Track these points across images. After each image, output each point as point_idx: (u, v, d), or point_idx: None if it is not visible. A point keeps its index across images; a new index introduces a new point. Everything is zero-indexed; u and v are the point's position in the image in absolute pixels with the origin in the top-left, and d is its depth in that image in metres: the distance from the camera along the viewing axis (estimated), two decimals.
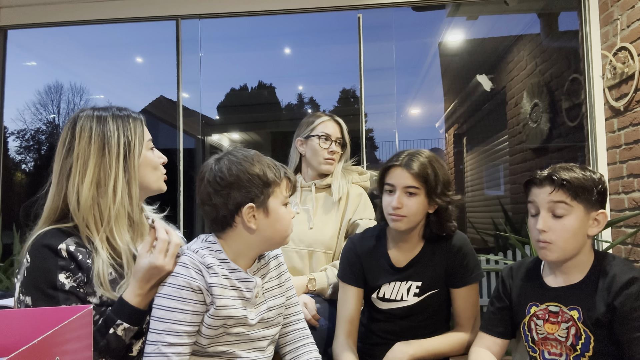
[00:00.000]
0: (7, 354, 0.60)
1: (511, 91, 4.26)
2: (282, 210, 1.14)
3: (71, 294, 1.06)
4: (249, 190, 1.08)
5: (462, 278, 1.46)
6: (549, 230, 1.22)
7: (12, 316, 0.85)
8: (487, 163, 5.13)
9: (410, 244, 1.49)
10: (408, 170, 1.39)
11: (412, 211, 1.40)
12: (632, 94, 2.21)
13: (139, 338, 1.13)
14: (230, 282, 1.10)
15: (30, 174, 5.03)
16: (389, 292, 1.49)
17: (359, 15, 2.89)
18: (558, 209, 1.21)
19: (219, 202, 1.09)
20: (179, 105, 2.89)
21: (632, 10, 2.22)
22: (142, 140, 1.20)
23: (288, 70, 5.38)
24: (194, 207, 2.98)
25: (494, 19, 3.95)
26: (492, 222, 4.33)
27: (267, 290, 1.19)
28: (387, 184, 1.44)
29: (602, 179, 1.24)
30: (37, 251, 1.07)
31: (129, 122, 1.18)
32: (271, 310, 1.17)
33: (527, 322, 1.32)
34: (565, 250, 1.23)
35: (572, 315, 1.23)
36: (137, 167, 1.17)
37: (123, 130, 1.16)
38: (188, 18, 2.89)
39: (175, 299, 1.05)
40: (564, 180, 1.19)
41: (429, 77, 5.34)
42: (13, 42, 3.00)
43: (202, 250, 1.10)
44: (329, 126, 1.87)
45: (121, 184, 1.14)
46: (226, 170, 1.09)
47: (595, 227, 1.23)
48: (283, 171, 1.15)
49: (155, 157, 1.24)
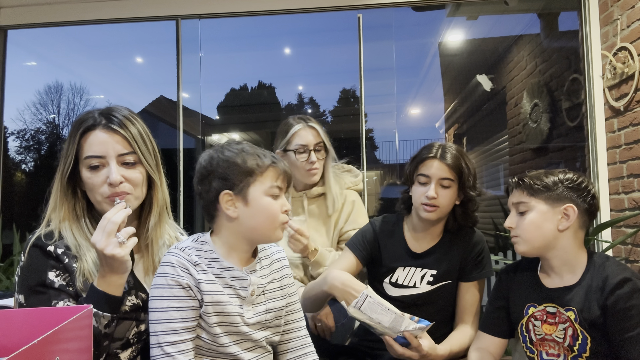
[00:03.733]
0: (7, 354, 0.60)
1: (511, 91, 4.26)
2: (265, 200, 1.11)
3: (62, 292, 1.08)
4: (226, 177, 1.09)
5: (474, 272, 1.51)
6: (516, 226, 1.31)
7: (12, 316, 0.85)
8: (487, 163, 5.13)
9: (432, 234, 1.54)
10: (444, 161, 1.44)
11: (445, 202, 1.45)
12: (632, 94, 2.21)
13: (126, 348, 1.14)
14: (222, 281, 1.10)
15: (30, 174, 5.03)
16: (402, 277, 1.52)
17: (359, 15, 2.89)
18: (520, 207, 1.31)
19: (203, 190, 1.12)
20: (179, 105, 2.89)
21: (632, 10, 2.22)
22: (78, 157, 1.12)
23: (288, 70, 5.38)
24: (194, 207, 2.98)
25: (494, 19, 3.95)
26: (492, 222, 4.32)
27: (268, 292, 1.18)
28: (421, 175, 1.47)
29: (571, 177, 1.29)
30: (30, 251, 1.10)
31: (69, 134, 1.15)
32: (270, 312, 1.16)
33: (525, 322, 1.32)
34: (532, 242, 1.28)
35: (568, 316, 1.24)
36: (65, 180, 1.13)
37: (66, 141, 1.15)
38: (188, 18, 2.88)
39: (167, 299, 1.05)
40: (520, 181, 1.31)
41: (429, 77, 5.35)
42: (13, 42, 3.00)
43: (189, 250, 1.10)
44: (303, 135, 1.76)
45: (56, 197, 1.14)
46: (208, 159, 1.12)
47: (564, 221, 1.27)
48: (270, 160, 1.12)
49: (91, 177, 1.11)
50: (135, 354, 1.18)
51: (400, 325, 1.28)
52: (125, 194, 1.11)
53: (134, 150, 1.13)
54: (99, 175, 1.11)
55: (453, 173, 1.44)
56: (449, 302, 1.53)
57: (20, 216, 4.10)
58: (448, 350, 1.39)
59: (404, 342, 1.31)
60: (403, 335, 1.29)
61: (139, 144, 1.14)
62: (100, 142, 1.11)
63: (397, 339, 1.31)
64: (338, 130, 5.68)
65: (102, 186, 1.11)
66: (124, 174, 1.11)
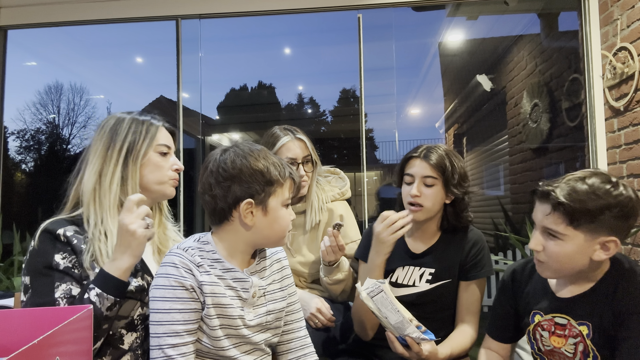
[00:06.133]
0: (7, 354, 0.60)
1: (511, 91, 4.26)
2: (282, 211, 1.12)
3: (66, 274, 1.11)
4: (250, 186, 1.07)
5: (474, 271, 1.51)
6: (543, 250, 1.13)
7: (12, 316, 0.85)
8: (487, 163, 5.13)
9: (428, 234, 1.55)
10: (426, 161, 1.46)
11: (429, 201, 1.46)
12: (632, 94, 2.21)
13: (130, 330, 1.16)
14: (224, 282, 1.09)
15: (30, 174, 5.03)
16: (401, 277, 1.53)
17: (359, 15, 2.89)
18: (552, 233, 1.10)
19: (219, 193, 1.08)
20: (179, 105, 2.89)
21: (632, 10, 2.22)
22: (152, 143, 1.26)
23: (288, 70, 5.38)
24: (194, 207, 2.97)
25: (494, 19, 3.95)
26: (492, 222, 4.33)
27: (269, 293, 1.17)
28: (406, 174, 1.50)
29: (623, 201, 1.04)
30: (40, 236, 1.16)
31: (142, 124, 1.27)
32: (270, 314, 1.16)
33: (532, 330, 1.24)
34: (561, 272, 1.13)
35: (581, 331, 1.12)
36: (138, 165, 1.23)
37: (133, 130, 1.25)
38: (188, 18, 2.88)
39: (170, 300, 1.04)
40: (559, 204, 1.05)
41: (429, 77, 5.35)
42: (13, 42, 3.00)
43: (192, 250, 1.09)
44: (291, 148, 1.68)
45: (117, 176, 1.22)
46: (230, 162, 1.08)
47: (602, 253, 1.08)
48: (288, 171, 1.13)
49: (161, 160, 1.28)
50: (140, 341, 1.19)
51: (404, 329, 1.27)
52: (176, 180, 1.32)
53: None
54: (167, 161, 1.29)
55: (436, 171, 1.45)
56: (450, 302, 1.53)
57: (20, 216, 4.10)
58: (449, 353, 1.39)
59: (404, 343, 1.31)
60: (405, 338, 1.29)
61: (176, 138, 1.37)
62: (165, 137, 1.31)
63: (398, 338, 1.31)
64: (338, 130, 5.69)
65: (168, 170, 1.30)
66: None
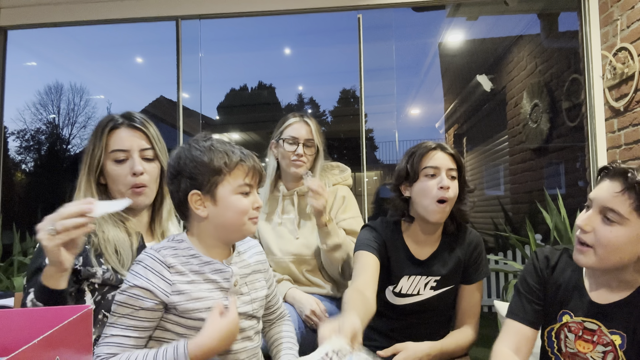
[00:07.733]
0: (7, 354, 0.60)
1: (511, 91, 4.27)
2: (233, 198, 1.10)
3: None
4: (194, 178, 1.08)
5: (475, 274, 1.49)
6: (593, 231, 1.03)
7: (12, 316, 0.85)
8: (487, 163, 5.13)
9: (432, 238, 1.48)
10: (447, 152, 1.41)
11: (454, 196, 1.39)
12: (632, 94, 2.21)
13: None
14: (203, 277, 1.10)
15: (30, 174, 5.04)
16: (406, 287, 1.47)
17: (359, 15, 2.89)
18: (610, 215, 1.01)
19: (173, 189, 1.12)
20: (179, 106, 2.89)
21: (632, 11, 2.22)
22: (104, 151, 1.25)
23: (288, 71, 5.39)
24: None
25: (494, 19, 3.96)
26: (492, 222, 4.33)
27: (250, 282, 1.19)
28: (428, 167, 1.39)
29: None
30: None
31: (96, 129, 1.27)
32: (255, 301, 1.18)
33: (557, 328, 1.15)
34: (606, 262, 1.03)
35: (612, 340, 1.05)
36: (93, 173, 1.25)
37: (92, 137, 1.27)
38: (188, 18, 2.88)
39: (127, 306, 1.04)
40: (636, 184, 0.97)
41: (429, 77, 5.35)
42: (13, 42, 3.00)
43: (165, 250, 1.09)
44: (296, 128, 1.81)
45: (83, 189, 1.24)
46: (176, 159, 1.11)
47: None
48: (238, 158, 1.10)
49: (116, 169, 1.24)
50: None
51: None
52: (144, 187, 1.26)
53: (152, 146, 1.28)
54: (124, 167, 1.25)
55: (456, 164, 1.41)
56: (450, 305, 1.52)
57: (20, 216, 4.10)
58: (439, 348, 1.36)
59: None
60: None
61: (157, 141, 1.30)
62: (125, 138, 1.26)
63: None
64: (338, 130, 5.69)
65: (126, 177, 1.24)
66: (144, 167, 1.26)
